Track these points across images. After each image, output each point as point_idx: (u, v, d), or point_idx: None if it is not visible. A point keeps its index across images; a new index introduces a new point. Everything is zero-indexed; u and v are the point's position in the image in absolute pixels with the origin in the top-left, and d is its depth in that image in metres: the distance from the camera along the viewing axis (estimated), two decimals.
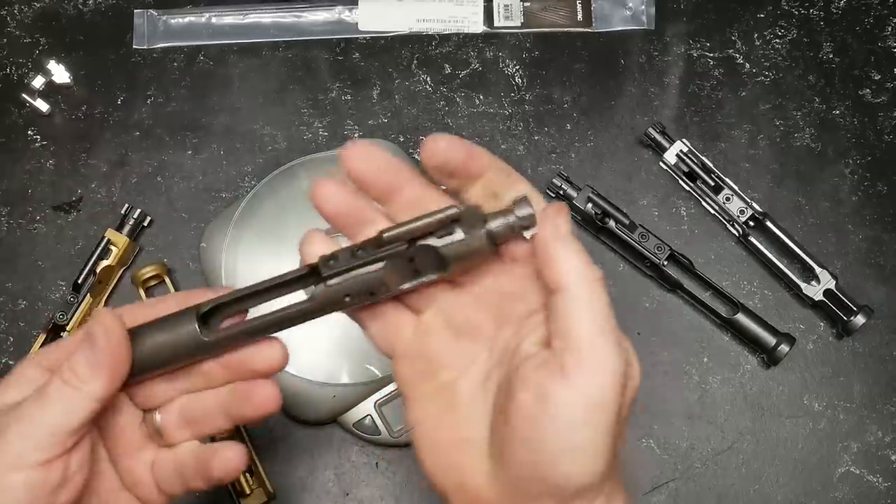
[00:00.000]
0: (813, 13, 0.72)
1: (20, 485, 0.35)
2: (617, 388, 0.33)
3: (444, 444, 0.37)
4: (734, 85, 0.70)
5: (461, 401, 0.37)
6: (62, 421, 0.36)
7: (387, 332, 0.39)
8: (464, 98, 0.69)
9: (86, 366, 0.37)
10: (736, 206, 0.66)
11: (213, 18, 0.70)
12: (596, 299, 0.33)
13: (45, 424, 0.36)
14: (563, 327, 0.33)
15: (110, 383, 0.37)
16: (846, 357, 0.65)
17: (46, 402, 0.37)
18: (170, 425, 0.41)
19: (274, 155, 0.68)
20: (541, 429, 0.32)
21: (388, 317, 0.39)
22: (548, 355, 0.33)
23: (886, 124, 0.69)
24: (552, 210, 0.35)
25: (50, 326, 0.61)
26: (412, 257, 0.37)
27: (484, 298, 0.38)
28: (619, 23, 0.71)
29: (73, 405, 0.37)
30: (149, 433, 0.41)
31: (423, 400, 0.38)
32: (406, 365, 0.39)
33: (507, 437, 0.34)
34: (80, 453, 0.38)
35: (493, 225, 0.36)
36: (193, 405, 0.41)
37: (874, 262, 0.67)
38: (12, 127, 0.68)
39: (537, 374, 0.33)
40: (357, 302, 0.37)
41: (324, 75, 0.70)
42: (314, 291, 0.37)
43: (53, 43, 0.69)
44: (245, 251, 0.61)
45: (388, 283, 0.37)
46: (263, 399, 0.40)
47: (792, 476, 0.63)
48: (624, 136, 0.69)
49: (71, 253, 0.65)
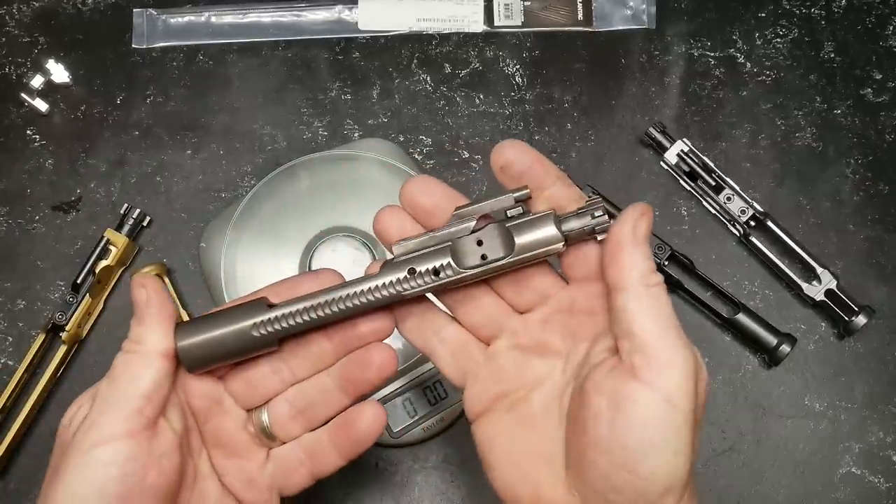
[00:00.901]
0: (814, 12, 0.71)
1: (110, 457, 0.35)
2: (689, 385, 0.33)
3: (519, 458, 0.37)
4: (735, 84, 0.70)
5: (536, 416, 0.37)
6: (134, 387, 0.37)
7: (458, 359, 0.40)
8: (464, 98, 0.69)
9: (138, 326, 0.38)
10: (737, 206, 0.65)
11: (212, 18, 0.70)
12: (657, 300, 0.34)
13: (119, 395, 0.37)
14: (626, 328, 0.33)
15: (166, 333, 0.38)
16: (847, 357, 0.65)
17: (114, 375, 0.38)
18: (280, 419, 0.41)
19: (274, 155, 0.67)
20: (619, 432, 0.32)
21: (456, 337, 0.40)
22: (617, 359, 0.34)
23: (888, 124, 0.69)
24: (636, 210, 0.35)
25: (49, 326, 0.61)
26: (480, 240, 0.37)
27: (552, 319, 0.38)
28: (620, 22, 0.71)
29: (138, 369, 0.37)
30: (255, 434, 0.41)
31: (497, 417, 0.39)
32: (478, 387, 0.39)
33: (585, 447, 0.34)
34: (167, 436, 0.38)
35: (566, 218, 0.37)
36: (306, 390, 0.41)
37: (875, 262, 0.66)
38: (11, 126, 0.67)
39: (609, 377, 0.33)
40: (421, 281, 0.37)
41: (324, 75, 0.69)
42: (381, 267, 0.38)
43: (52, 42, 0.69)
44: (245, 251, 0.61)
45: (455, 261, 0.37)
46: (382, 361, 0.40)
47: (793, 477, 0.63)
48: (624, 135, 0.69)
49: (70, 253, 0.65)
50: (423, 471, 0.62)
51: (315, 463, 0.41)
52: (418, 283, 0.37)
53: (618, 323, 0.34)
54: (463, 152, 0.68)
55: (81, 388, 0.62)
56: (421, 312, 0.40)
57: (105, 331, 0.64)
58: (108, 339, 0.64)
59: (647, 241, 0.35)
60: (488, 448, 0.39)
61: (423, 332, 0.40)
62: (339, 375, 0.40)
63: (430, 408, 0.61)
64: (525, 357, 0.39)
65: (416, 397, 0.61)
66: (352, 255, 0.61)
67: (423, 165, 0.67)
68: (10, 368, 0.62)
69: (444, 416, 0.61)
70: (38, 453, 0.62)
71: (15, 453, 0.61)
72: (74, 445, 0.36)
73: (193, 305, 0.64)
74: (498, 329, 0.39)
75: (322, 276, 0.40)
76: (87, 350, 0.64)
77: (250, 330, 0.38)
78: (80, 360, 0.63)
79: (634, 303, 0.33)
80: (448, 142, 0.68)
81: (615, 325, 0.34)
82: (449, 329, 0.40)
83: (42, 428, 0.62)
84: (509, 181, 0.38)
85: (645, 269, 0.34)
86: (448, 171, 0.67)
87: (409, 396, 0.60)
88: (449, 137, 0.68)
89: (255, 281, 0.60)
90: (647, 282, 0.34)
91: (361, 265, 0.60)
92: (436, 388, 0.61)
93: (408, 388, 0.60)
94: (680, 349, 0.33)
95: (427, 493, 0.62)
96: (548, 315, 0.38)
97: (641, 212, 0.35)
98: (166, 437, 0.38)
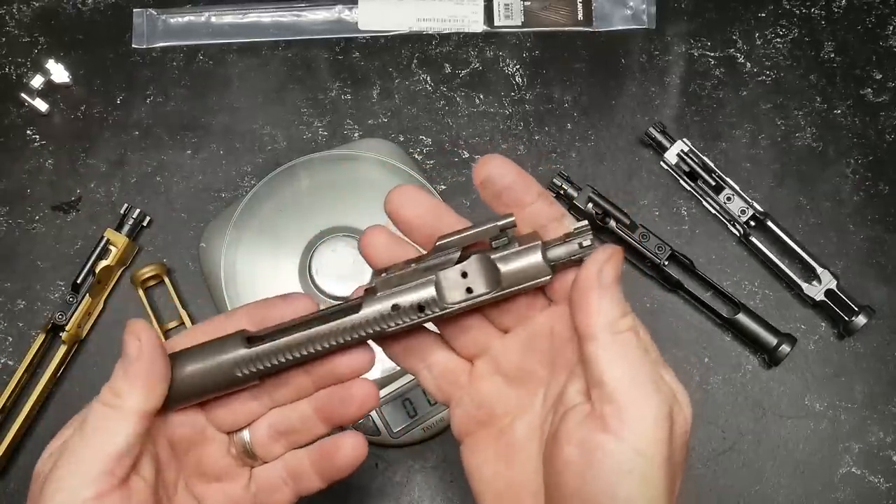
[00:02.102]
0: (814, 12, 0.71)
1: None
2: (662, 433, 0.32)
3: (504, 490, 0.37)
4: (735, 84, 0.70)
5: (518, 447, 0.37)
6: (106, 446, 0.34)
7: (442, 380, 0.39)
8: (464, 98, 0.69)
9: (122, 379, 0.35)
10: (737, 206, 0.65)
11: (212, 18, 0.70)
12: (626, 346, 0.33)
13: (89, 454, 0.34)
14: (596, 377, 0.33)
15: (149, 394, 0.35)
16: (847, 357, 0.65)
17: (88, 429, 0.35)
18: (261, 440, 0.40)
19: (273, 155, 0.67)
20: (590, 483, 0.32)
21: (442, 365, 0.39)
22: (589, 406, 0.33)
23: (888, 124, 0.69)
24: (604, 254, 0.34)
25: (49, 326, 0.61)
26: (465, 272, 0.36)
27: (534, 343, 0.38)
28: (620, 22, 0.71)
29: (116, 427, 0.35)
30: (237, 454, 0.40)
31: (481, 446, 0.38)
32: (462, 411, 0.39)
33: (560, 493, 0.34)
34: (138, 489, 0.35)
35: (553, 246, 0.35)
36: (288, 415, 0.40)
37: (875, 262, 0.66)
38: (11, 126, 0.67)
39: (580, 427, 0.33)
40: (406, 317, 0.36)
41: (323, 75, 0.69)
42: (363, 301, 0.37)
43: (52, 42, 0.69)
44: (245, 251, 0.61)
45: (439, 296, 0.36)
46: (363, 399, 0.39)
47: (793, 477, 0.63)
48: (625, 135, 0.69)
49: (70, 253, 0.65)
50: (423, 471, 0.62)
51: (298, 483, 0.41)
52: (402, 321, 0.36)
53: (588, 371, 0.33)
54: (463, 152, 0.68)
55: (81, 389, 0.63)
56: (406, 340, 0.39)
57: (105, 331, 0.64)
58: (107, 339, 0.64)
59: (617, 285, 0.34)
60: (476, 477, 0.38)
61: (409, 359, 0.40)
62: (318, 408, 0.40)
63: (430, 408, 0.61)
64: (507, 384, 0.38)
65: (416, 397, 0.61)
66: (352, 255, 0.61)
67: (423, 165, 0.67)
68: (10, 368, 0.62)
69: (444, 416, 0.61)
70: (38, 453, 0.61)
71: (15, 453, 0.61)
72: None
73: (193, 305, 0.64)
74: (481, 350, 0.39)
75: (294, 301, 0.39)
76: (87, 350, 0.64)
77: (232, 370, 0.37)
78: (80, 361, 0.63)
79: (602, 351, 0.33)
80: (448, 142, 0.68)
81: (586, 372, 0.34)
82: (435, 356, 0.39)
83: (42, 428, 0.62)
84: (490, 197, 0.37)
85: (613, 315, 0.33)
86: (448, 171, 0.67)
87: (409, 396, 0.60)
88: (449, 137, 0.68)
89: (255, 281, 0.61)
90: (615, 328, 0.33)
91: (361, 265, 0.60)
92: None
93: (408, 388, 0.60)
94: (651, 396, 0.32)
95: (427, 493, 0.62)
96: (529, 338, 0.38)
97: (609, 255, 0.34)
98: (138, 492, 0.35)
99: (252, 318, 0.39)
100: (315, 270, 0.60)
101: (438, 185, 0.67)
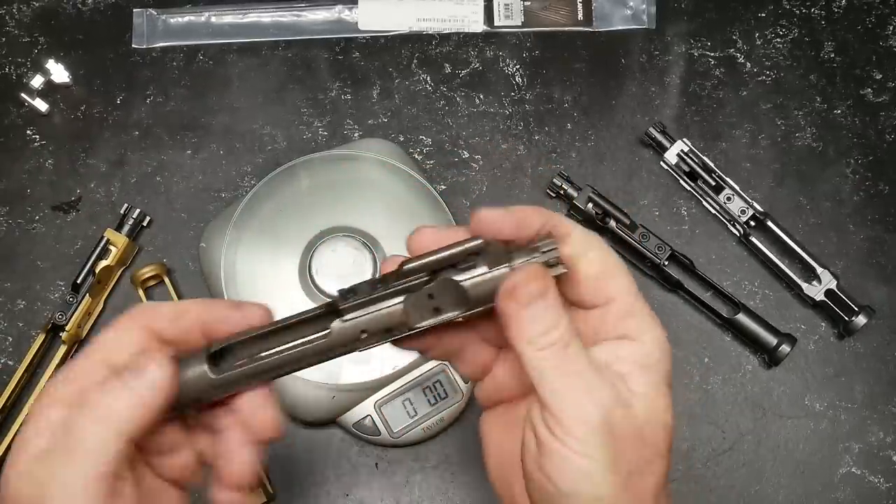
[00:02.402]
0: (814, 12, 0.71)
1: None
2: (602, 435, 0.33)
3: (503, 460, 0.39)
4: (735, 84, 0.70)
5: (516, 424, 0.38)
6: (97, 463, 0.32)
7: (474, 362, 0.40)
8: (464, 98, 0.69)
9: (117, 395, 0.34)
10: (737, 206, 0.65)
11: (212, 18, 0.70)
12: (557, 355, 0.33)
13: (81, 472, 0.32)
14: (535, 388, 0.34)
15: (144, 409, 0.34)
16: (847, 357, 0.65)
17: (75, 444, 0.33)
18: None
19: (273, 155, 0.67)
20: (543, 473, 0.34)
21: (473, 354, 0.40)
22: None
23: (888, 124, 0.69)
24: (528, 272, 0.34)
25: (49, 326, 0.61)
26: (432, 294, 0.36)
27: None
28: (620, 22, 0.71)
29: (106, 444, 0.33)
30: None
31: (493, 417, 0.40)
32: (485, 391, 0.41)
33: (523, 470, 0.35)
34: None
35: (518, 262, 0.35)
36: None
37: (875, 262, 0.66)
38: (11, 126, 0.67)
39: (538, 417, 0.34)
40: (374, 340, 0.36)
41: (323, 75, 0.69)
42: (331, 326, 0.36)
43: (52, 42, 0.69)
44: (245, 251, 0.61)
45: (407, 320, 0.36)
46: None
47: (793, 477, 0.63)
48: (625, 135, 0.69)
49: (70, 253, 0.65)
50: (423, 471, 0.62)
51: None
52: (370, 343, 0.37)
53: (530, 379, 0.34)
54: (463, 152, 0.68)
55: None
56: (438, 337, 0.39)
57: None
58: None
59: (544, 297, 0.34)
60: (485, 443, 0.40)
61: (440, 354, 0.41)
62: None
63: (430, 408, 0.61)
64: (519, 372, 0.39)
65: (416, 397, 0.60)
66: (352, 255, 0.61)
67: (423, 165, 0.67)
68: (10, 368, 0.62)
69: (444, 416, 0.61)
70: None
71: None
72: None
73: None
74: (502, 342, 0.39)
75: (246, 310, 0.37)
76: None
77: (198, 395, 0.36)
78: None
79: (530, 367, 0.34)
80: (448, 142, 0.68)
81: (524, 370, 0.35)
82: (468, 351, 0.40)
83: None
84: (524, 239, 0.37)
85: (537, 331, 0.34)
86: (448, 171, 0.67)
87: (409, 396, 0.60)
88: (449, 137, 0.68)
89: (255, 281, 0.61)
90: (542, 343, 0.33)
91: (361, 265, 0.60)
92: (436, 388, 0.61)
93: (408, 388, 0.60)
94: (585, 403, 0.33)
95: (427, 493, 0.62)
96: None
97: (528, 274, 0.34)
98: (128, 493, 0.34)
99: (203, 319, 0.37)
100: (315, 270, 0.60)
101: (438, 184, 0.67)
